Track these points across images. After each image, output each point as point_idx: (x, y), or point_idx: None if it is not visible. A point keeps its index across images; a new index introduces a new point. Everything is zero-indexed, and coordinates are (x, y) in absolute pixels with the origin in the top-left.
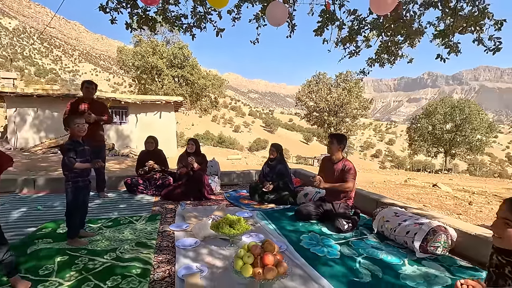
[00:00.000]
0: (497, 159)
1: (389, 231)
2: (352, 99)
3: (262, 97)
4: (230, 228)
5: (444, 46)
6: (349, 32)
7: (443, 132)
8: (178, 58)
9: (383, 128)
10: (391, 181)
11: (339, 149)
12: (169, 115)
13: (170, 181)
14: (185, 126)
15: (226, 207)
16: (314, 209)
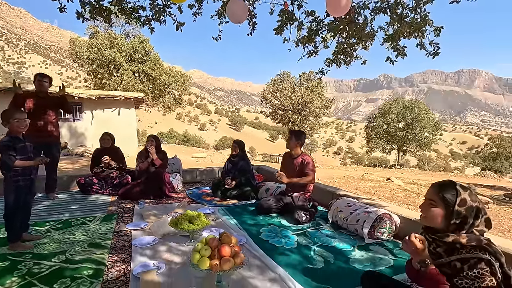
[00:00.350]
0: (442, 154)
1: (342, 220)
2: (315, 98)
3: (228, 95)
4: (189, 224)
5: (393, 49)
6: (308, 33)
7: (396, 130)
8: (138, 53)
9: (344, 127)
10: (350, 176)
11: (297, 144)
12: (129, 112)
13: (128, 179)
14: (148, 124)
15: (188, 204)
16: (274, 202)
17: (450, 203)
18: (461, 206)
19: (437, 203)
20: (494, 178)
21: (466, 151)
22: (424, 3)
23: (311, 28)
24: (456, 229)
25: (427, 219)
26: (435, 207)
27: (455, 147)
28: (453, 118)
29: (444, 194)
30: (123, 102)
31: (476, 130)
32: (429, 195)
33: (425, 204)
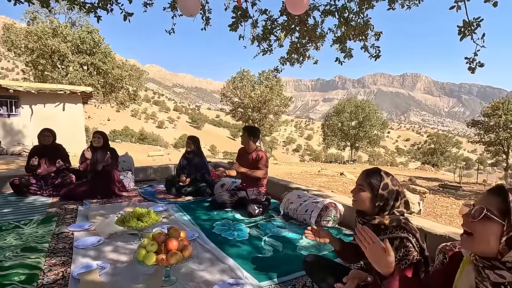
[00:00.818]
0: (390, 150)
1: (293, 211)
2: (274, 96)
3: (188, 92)
4: (138, 221)
5: (341, 51)
6: (263, 31)
7: (349, 128)
8: (86, 43)
9: (303, 125)
10: (308, 172)
11: (250, 140)
12: (76, 107)
13: (72, 179)
14: (100, 121)
15: (139, 203)
16: (228, 197)
17: (375, 187)
18: (384, 189)
19: (365, 187)
20: (432, 171)
21: (410, 147)
22: (366, 8)
23: (265, 26)
24: (380, 211)
25: (358, 203)
26: (364, 191)
27: (400, 144)
28: (399, 118)
29: (370, 179)
30: (69, 96)
31: (417, 128)
32: (358, 181)
33: (355, 189)
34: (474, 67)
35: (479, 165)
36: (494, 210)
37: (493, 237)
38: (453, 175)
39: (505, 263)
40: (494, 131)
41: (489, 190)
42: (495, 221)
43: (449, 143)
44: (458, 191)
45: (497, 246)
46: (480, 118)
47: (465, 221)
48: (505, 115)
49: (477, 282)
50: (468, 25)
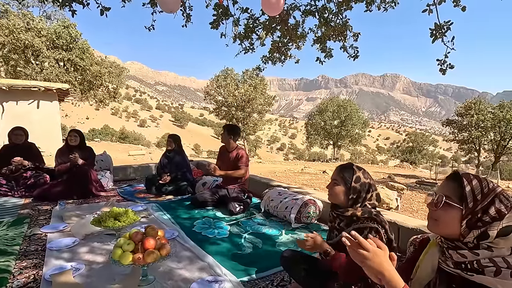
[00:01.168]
0: (371, 149)
1: (273, 208)
2: (258, 95)
3: (171, 90)
4: (115, 221)
5: (321, 50)
6: (244, 30)
7: (332, 127)
8: (63, 39)
9: (287, 124)
10: (291, 170)
11: (230, 138)
12: (51, 105)
13: (46, 179)
14: (78, 120)
15: (118, 203)
16: (210, 196)
17: (348, 180)
18: (356, 182)
19: (339, 181)
20: (410, 168)
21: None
22: (345, 9)
23: (247, 25)
24: (353, 203)
25: (333, 196)
26: (338, 185)
27: (381, 142)
28: (379, 117)
29: (343, 173)
30: (43, 93)
31: (397, 127)
32: (333, 176)
33: (330, 183)
34: (445, 69)
35: (453, 162)
36: (453, 196)
37: (454, 221)
38: (429, 172)
39: (466, 243)
40: (467, 130)
41: (447, 177)
42: (455, 206)
43: (426, 142)
44: (433, 187)
45: (458, 229)
46: (454, 118)
47: (431, 210)
48: (477, 115)
49: (440, 262)
50: (439, 28)
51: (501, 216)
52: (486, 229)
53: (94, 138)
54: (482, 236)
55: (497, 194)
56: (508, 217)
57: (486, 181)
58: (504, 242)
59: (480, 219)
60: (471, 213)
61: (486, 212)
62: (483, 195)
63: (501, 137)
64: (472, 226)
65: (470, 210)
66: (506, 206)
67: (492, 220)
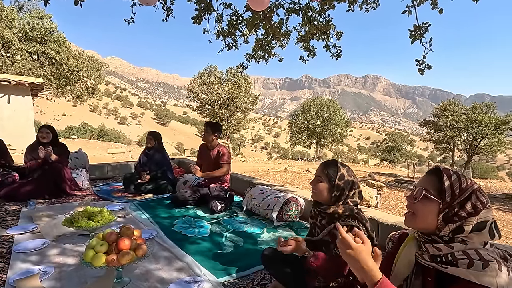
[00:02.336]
0: (352, 148)
1: (255, 206)
2: (242, 93)
3: (153, 87)
4: (88, 221)
5: (305, 49)
6: (228, 26)
7: (315, 127)
8: (37, 30)
9: (271, 123)
10: (274, 169)
11: (215, 136)
12: (23, 100)
13: (15, 177)
14: (54, 116)
15: (93, 202)
16: (190, 194)
17: (332, 178)
18: (340, 180)
19: (323, 178)
20: (389, 167)
21: (370, 145)
22: (327, 8)
23: (230, 21)
24: (336, 200)
25: (317, 194)
26: (322, 182)
27: (362, 142)
28: (360, 117)
29: (328, 170)
30: (15, 88)
31: (377, 127)
32: (317, 172)
33: (314, 180)
34: (423, 69)
35: (429, 162)
36: (432, 190)
37: (431, 214)
38: (407, 170)
39: (442, 237)
40: (442, 130)
41: (427, 172)
42: (433, 200)
43: (405, 141)
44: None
45: (435, 222)
46: (431, 118)
47: (409, 203)
48: (452, 116)
49: (417, 256)
50: (418, 29)
51: (476, 212)
52: (461, 224)
53: (71, 135)
54: (457, 230)
55: (474, 191)
56: (483, 213)
57: (464, 178)
58: (477, 236)
59: (457, 213)
60: (448, 207)
61: (462, 207)
62: (461, 191)
63: (473, 138)
64: (448, 220)
65: (447, 204)
66: (482, 203)
67: (468, 215)
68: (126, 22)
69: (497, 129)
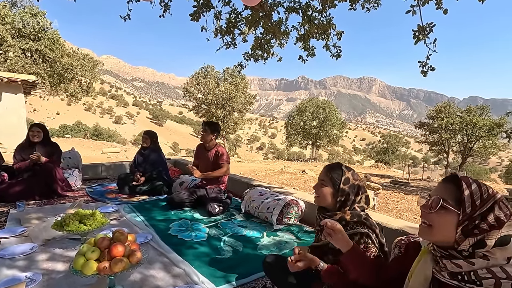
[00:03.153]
0: (347, 149)
1: (254, 209)
2: (238, 93)
3: (149, 86)
4: (80, 224)
5: (304, 49)
6: (226, 24)
7: (311, 128)
8: (30, 27)
9: (267, 123)
10: (271, 169)
11: (213, 136)
12: (15, 97)
13: (4, 177)
14: (48, 115)
15: (86, 203)
16: (187, 196)
17: (336, 182)
18: (345, 184)
19: (326, 182)
20: (384, 168)
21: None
22: (329, 7)
23: (229, 19)
24: (341, 206)
25: (320, 198)
26: (325, 186)
27: (357, 143)
28: (356, 118)
29: (331, 174)
30: (6, 85)
31: (372, 129)
32: (321, 176)
33: (317, 184)
34: (426, 71)
35: (424, 163)
36: (450, 199)
37: (449, 226)
38: (402, 172)
39: (461, 252)
40: (437, 132)
41: (444, 179)
42: (451, 210)
43: (400, 143)
44: (406, 187)
45: (453, 235)
46: (426, 120)
47: (423, 212)
48: (447, 118)
49: (435, 272)
50: (422, 30)
51: (500, 224)
52: (483, 237)
53: (65, 134)
54: (479, 245)
55: (497, 201)
56: (507, 226)
57: (485, 186)
58: (501, 252)
59: (478, 226)
60: (468, 219)
61: (484, 219)
62: (482, 201)
63: (467, 140)
64: (468, 233)
65: (467, 216)
66: (506, 214)
67: (490, 228)
68: (122, 19)
69: (491, 131)
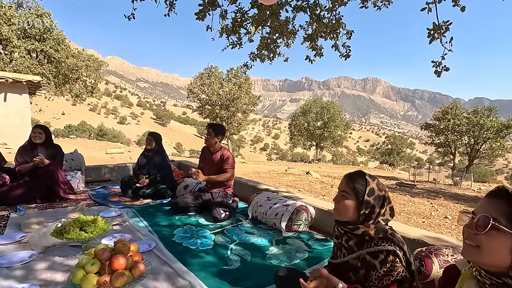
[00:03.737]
0: (351, 150)
1: (262, 215)
2: (242, 94)
3: (153, 87)
4: (80, 231)
5: (312, 49)
6: (232, 23)
7: (315, 128)
8: (35, 28)
9: (270, 124)
10: (275, 170)
11: (218, 139)
12: (20, 98)
13: (5, 179)
14: (53, 115)
15: (88, 207)
16: (192, 200)
17: (360, 193)
18: (370, 195)
19: (349, 194)
20: (389, 170)
21: (369, 148)
22: (339, 5)
23: (235, 18)
24: (365, 220)
25: (341, 212)
26: (347, 199)
27: (361, 144)
28: (360, 119)
29: (354, 184)
30: (11, 85)
31: (376, 130)
32: (341, 187)
33: (338, 196)
34: (440, 71)
35: (430, 165)
36: (501, 218)
37: (503, 250)
38: (407, 174)
39: None
40: (443, 134)
41: (490, 194)
42: (505, 231)
43: (404, 144)
44: (412, 189)
45: (508, 260)
46: (432, 122)
47: (468, 233)
48: (453, 119)
49: None
50: (438, 28)
51: None
52: None
53: (69, 134)
54: None
55: None
56: None
57: None
58: None
59: None
60: None
61: None
62: None
63: (474, 141)
64: None
65: None
66: None
67: None
68: (127, 18)
69: (499, 133)
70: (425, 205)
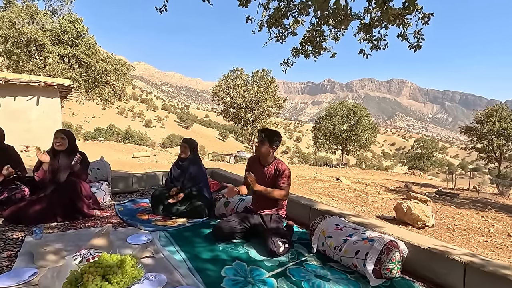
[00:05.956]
0: (376, 154)
1: (333, 250)
2: (268, 97)
3: (177, 91)
4: (103, 282)
5: (367, 41)
6: (274, 14)
7: (341, 132)
8: (68, 34)
9: (292, 127)
10: (302, 176)
11: (271, 150)
12: (52, 101)
13: (24, 193)
14: (84, 118)
15: (115, 229)
16: (238, 224)
17: None
18: None
19: None
20: (421, 176)
21: (395, 152)
22: None
23: (278, 8)
24: None
25: None
26: None
27: (386, 148)
28: (385, 122)
29: None
30: (44, 89)
31: (403, 133)
32: None
33: None
34: None
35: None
36: None
37: None
38: (438, 179)
39: None
40: (487, 138)
41: None
42: None
43: (435, 148)
44: (455, 199)
45: None
46: (473, 125)
47: None
48: (499, 122)
49: None
50: None
51: None
52: None
53: (99, 137)
54: None
55: None
56: None
57: None
58: None
59: None
60: None
61: None
62: None
63: None
64: None
65: None
66: None
67: None
68: (158, 11)
69: None
70: (477, 219)
